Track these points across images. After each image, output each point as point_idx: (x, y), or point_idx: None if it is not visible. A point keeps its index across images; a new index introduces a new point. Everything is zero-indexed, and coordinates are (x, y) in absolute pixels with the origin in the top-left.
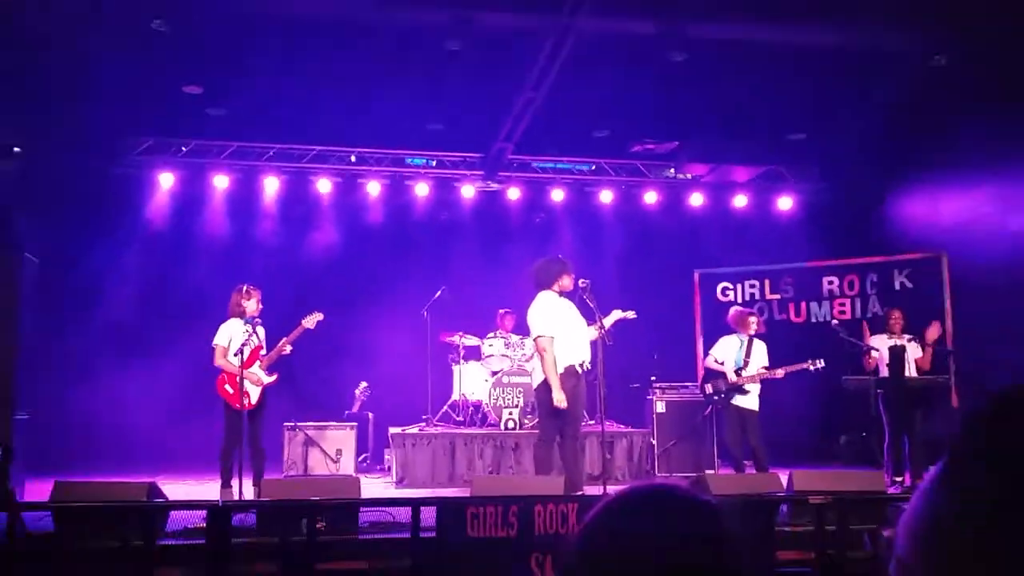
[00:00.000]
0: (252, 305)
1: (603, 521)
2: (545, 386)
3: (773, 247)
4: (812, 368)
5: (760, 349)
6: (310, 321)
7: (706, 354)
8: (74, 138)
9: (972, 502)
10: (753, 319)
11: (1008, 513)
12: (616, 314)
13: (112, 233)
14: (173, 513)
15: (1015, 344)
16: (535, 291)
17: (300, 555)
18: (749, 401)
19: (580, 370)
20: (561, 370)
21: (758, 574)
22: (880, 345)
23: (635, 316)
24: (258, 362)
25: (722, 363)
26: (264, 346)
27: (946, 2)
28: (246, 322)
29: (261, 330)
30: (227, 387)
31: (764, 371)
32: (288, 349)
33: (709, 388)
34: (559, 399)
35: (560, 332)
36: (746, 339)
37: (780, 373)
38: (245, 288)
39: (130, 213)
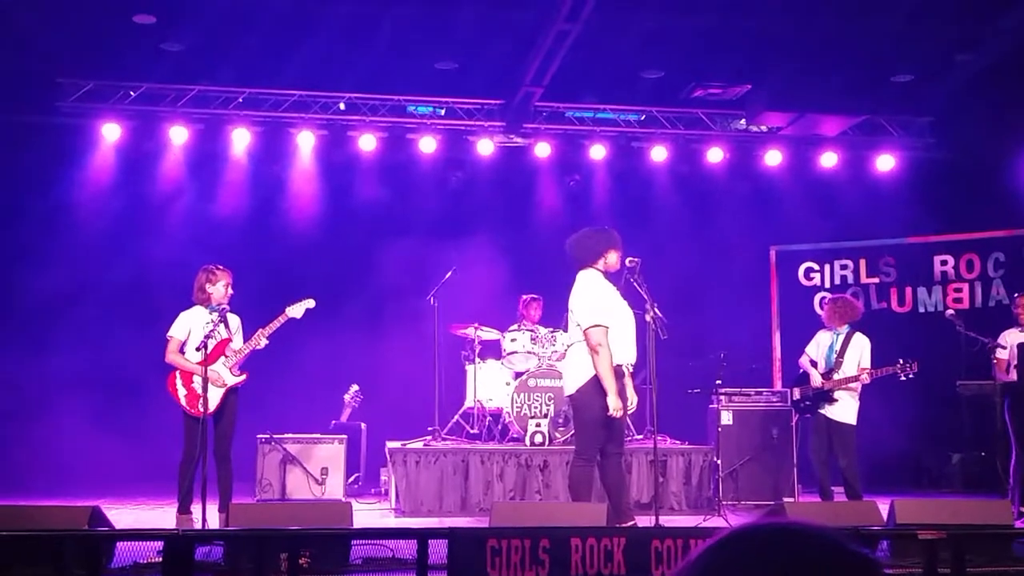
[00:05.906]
0: (219, 290)
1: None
2: (586, 391)
3: (870, 218)
4: (903, 375)
5: (860, 346)
6: (297, 309)
7: (801, 352)
8: None
9: None
10: (831, 305)
11: None
12: None
13: (41, 199)
14: (120, 545)
15: None
16: (574, 269)
17: None
18: (842, 412)
19: (627, 371)
20: None
21: None
22: (1008, 341)
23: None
24: (223, 358)
25: (816, 364)
26: (233, 338)
27: None
28: (212, 310)
29: (235, 319)
30: (180, 387)
31: (856, 375)
32: (264, 343)
33: (796, 393)
34: (616, 406)
35: (612, 323)
36: (842, 333)
37: (865, 378)
38: (210, 269)
39: (64, 174)
